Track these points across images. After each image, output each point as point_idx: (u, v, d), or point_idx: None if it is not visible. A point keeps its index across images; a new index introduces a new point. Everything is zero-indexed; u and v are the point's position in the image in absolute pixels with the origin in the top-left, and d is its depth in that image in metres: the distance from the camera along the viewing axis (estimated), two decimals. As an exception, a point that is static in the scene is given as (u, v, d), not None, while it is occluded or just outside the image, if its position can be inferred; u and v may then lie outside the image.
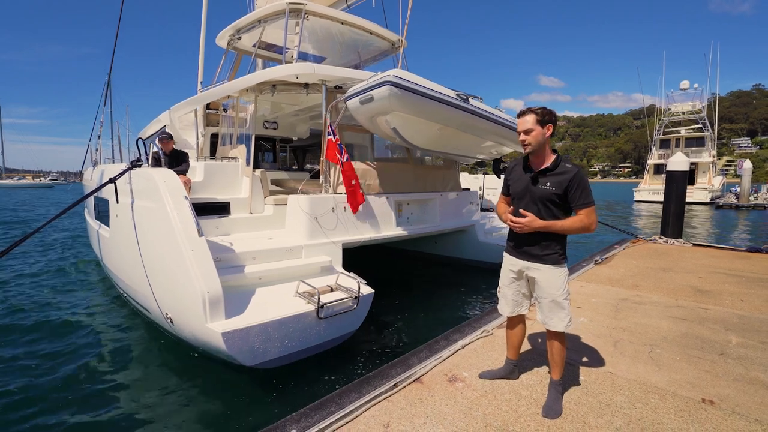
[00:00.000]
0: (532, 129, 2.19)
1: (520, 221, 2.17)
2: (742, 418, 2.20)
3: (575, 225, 2.16)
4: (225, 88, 6.10)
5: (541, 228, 2.17)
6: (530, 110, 2.23)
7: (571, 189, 2.16)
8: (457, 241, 7.55)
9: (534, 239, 2.29)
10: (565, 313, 2.28)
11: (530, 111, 2.22)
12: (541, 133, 2.20)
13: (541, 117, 2.19)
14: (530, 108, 2.25)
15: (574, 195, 2.16)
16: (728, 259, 6.32)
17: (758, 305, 4.10)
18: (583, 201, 2.15)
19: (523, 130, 2.21)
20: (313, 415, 2.22)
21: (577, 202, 2.16)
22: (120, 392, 3.41)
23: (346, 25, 6.55)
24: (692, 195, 27.01)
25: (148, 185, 3.89)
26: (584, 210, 2.15)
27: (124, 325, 4.91)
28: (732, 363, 2.85)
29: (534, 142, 2.20)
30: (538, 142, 2.20)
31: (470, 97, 5.32)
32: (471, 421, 2.19)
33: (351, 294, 3.88)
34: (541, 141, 2.21)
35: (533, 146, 2.21)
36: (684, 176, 8.24)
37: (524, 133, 2.21)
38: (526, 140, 2.21)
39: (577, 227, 2.16)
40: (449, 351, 3.00)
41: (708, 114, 32.97)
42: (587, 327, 3.49)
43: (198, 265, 3.28)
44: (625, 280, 5.04)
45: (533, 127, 2.19)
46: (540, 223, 2.15)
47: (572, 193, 2.16)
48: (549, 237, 2.26)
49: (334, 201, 5.03)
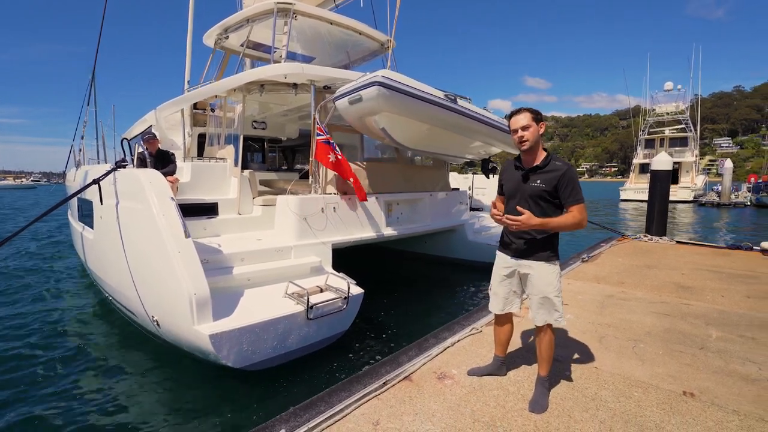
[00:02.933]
0: (530, 125, 2.24)
1: (517, 219, 2.17)
2: (720, 409, 2.26)
3: (569, 221, 2.20)
4: (212, 88, 6.05)
5: (537, 225, 2.18)
6: (525, 109, 2.30)
7: (562, 186, 2.20)
8: (447, 241, 7.60)
9: (527, 237, 2.33)
10: (556, 309, 2.32)
11: (525, 109, 2.29)
12: (537, 130, 2.26)
13: (535, 115, 2.26)
14: (523, 107, 2.32)
15: (565, 192, 2.20)
16: (710, 256, 6.48)
17: (737, 300, 4.22)
18: (574, 198, 2.19)
19: (521, 127, 2.25)
20: (303, 414, 2.22)
21: (567, 200, 2.20)
22: (105, 396, 3.35)
23: (335, 25, 6.55)
24: (676, 194, 27.60)
25: (133, 186, 3.84)
26: (575, 207, 2.19)
27: (110, 328, 4.83)
28: (712, 356, 2.93)
29: (531, 138, 2.24)
30: (534, 138, 2.25)
31: (458, 98, 5.36)
32: (459, 417, 2.22)
33: (340, 294, 3.89)
34: (537, 138, 2.26)
35: (531, 142, 2.25)
36: (668, 175, 8.42)
37: (522, 129, 2.25)
38: (525, 136, 2.25)
39: (570, 224, 2.20)
40: (438, 349, 3.02)
41: (691, 114, 33.69)
42: (574, 323, 3.55)
43: (185, 267, 3.24)
44: (611, 278, 5.13)
45: (530, 123, 2.24)
46: (536, 221, 2.16)
47: (562, 191, 2.20)
48: (542, 235, 2.30)
49: (324, 201, 5.03)
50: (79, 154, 8.81)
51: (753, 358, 2.90)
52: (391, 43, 7.25)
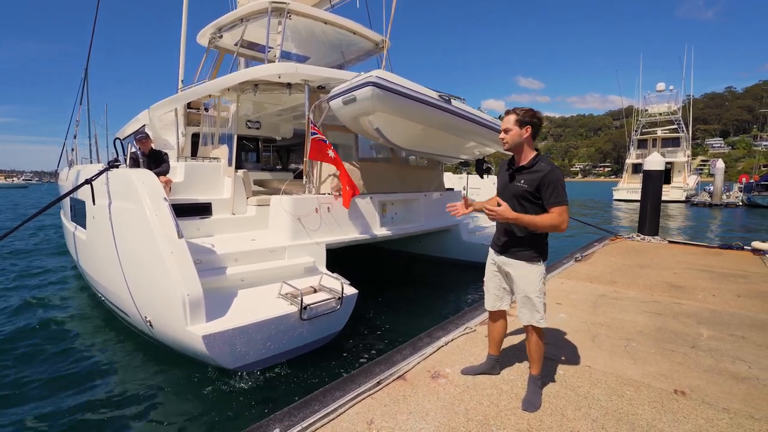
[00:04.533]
0: (511, 129, 2.32)
1: (495, 209, 2.20)
2: (711, 408, 2.29)
3: (545, 222, 2.20)
4: (206, 87, 6.02)
5: (512, 219, 2.21)
6: (513, 111, 2.35)
7: (543, 187, 2.22)
8: (442, 241, 7.61)
9: (510, 235, 2.38)
10: (537, 310, 2.33)
11: (513, 112, 2.35)
12: (519, 133, 2.30)
13: (521, 118, 2.30)
14: (514, 109, 2.36)
15: (546, 193, 2.22)
16: (702, 256, 6.55)
17: (728, 300, 4.27)
18: (555, 200, 2.20)
19: (503, 129, 2.35)
20: (297, 414, 2.21)
21: (548, 200, 2.22)
22: (98, 397, 3.32)
23: (330, 24, 6.53)
24: (668, 194, 27.81)
25: (125, 186, 3.81)
26: (556, 209, 2.20)
27: (102, 328, 4.78)
28: (703, 355, 2.96)
29: (510, 141, 2.33)
30: (514, 141, 2.32)
31: (453, 98, 5.37)
32: (453, 416, 2.22)
33: (334, 295, 3.88)
34: (518, 141, 2.31)
35: (509, 144, 2.35)
36: (660, 175, 8.50)
37: (504, 131, 2.35)
38: (504, 138, 2.36)
39: (546, 224, 2.20)
40: (432, 348, 3.03)
41: (683, 115, 34.01)
42: (566, 323, 3.57)
43: (178, 267, 3.22)
44: (604, 277, 5.17)
45: (512, 127, 2.32)
46: (512, 214, 2.20)
47: (544, 191, 2.23)
48: (524, 234, 2.33)
49: (318, 201, 5.02)
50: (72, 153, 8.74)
51: (743, 356, 2.93)
52: (385, 43, 7.26)
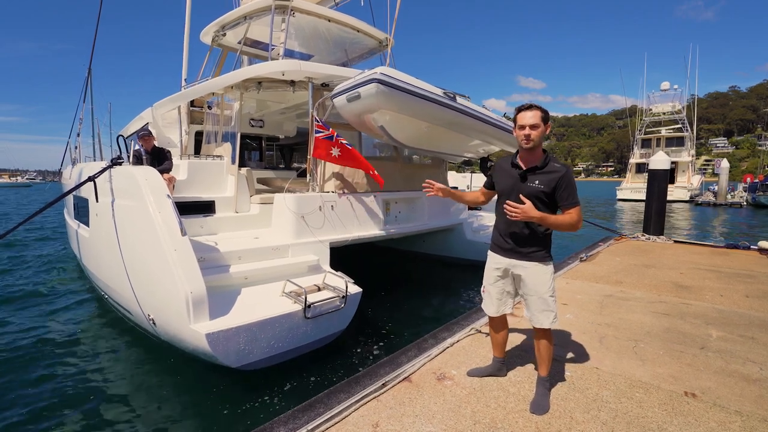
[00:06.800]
0: (539, 125, 2.17)
1: (519, 207, 2.10)
2: (722, 410, 2.25)
3: (566, 221, 2.18)
4: (209, 85, 5.99)
5: (536, 218, 2.12)
6: (535, 106, 2.19)
7: (560, 188, 2.17)
8: (445, 240, 7.57)
9: (520, 237, 2.30)
10: (551, 310, 2.29)
11: (535, 107, 2.19)
12: (544, 130, 2.20)
13: (544, 114, 2.19)
14: (531, 105, 2.21)
15: (563, 194, 2.17)
16: (708, 256, 6.48)
17: (736, 300, 4.21)
18: (571, 201, 2.17)
19: (530, 125, 2.16)
20: (301, 416, 2.18)
21: (564, 202, 2.18)
22: (101, 396, 3.31)
23: (333, 22, 6.49)
24: (672, 193, 27.70)
25: (128, 183, 3.79)
26: (573, 209, 2.17)
27: (105, 327, 4.78)
28: (712, 356, 2.91)
29: (537, 138, 2.18)
30: (539, 138, 2.19)
31: (458, 96, 5.32)
32: (460, 419, 2.19)
33: (338, 293, 3.85)
34: (542, 138, 2.21)
35: (536, 142, 2.19)
36: (665, 175, 8.42)
37: (530, 127, 2.16)
38: (532, 135, 2.17)
39: (567, 224, 2.18)
40: (438, 349, 2.99)
41: (687, 114, 33.84)
42: (573, 323, 3.53)
43: (181, 265, 3.20)
44: (610, 277, 5.12)
45: (539, 123, 2.17)
46: (537, 213, 2.11)
47: (560, 192, 2.18)
48: (535, 235, 2.28)
49: (321, 199, 4.98)
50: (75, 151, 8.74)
51: (753, 358, 2.88)
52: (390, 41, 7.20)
